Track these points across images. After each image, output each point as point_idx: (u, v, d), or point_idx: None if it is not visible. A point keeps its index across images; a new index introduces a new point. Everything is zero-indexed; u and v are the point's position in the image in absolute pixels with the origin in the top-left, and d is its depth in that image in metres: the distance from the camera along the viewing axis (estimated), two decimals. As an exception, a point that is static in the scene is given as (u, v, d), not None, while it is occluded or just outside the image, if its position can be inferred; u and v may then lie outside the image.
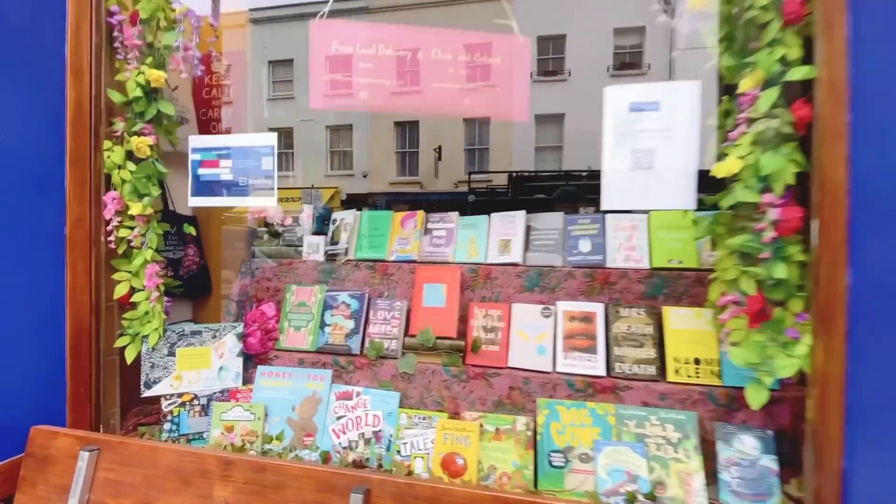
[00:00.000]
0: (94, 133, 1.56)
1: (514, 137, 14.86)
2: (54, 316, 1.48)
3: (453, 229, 1.82)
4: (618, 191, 1.25)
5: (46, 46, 1.45)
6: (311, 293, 1.81)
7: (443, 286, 1.68)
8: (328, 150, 17.27)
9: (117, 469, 1.27)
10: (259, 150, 1.46)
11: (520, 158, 14.95)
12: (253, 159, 1.47)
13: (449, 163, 15.82)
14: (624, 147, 1.26)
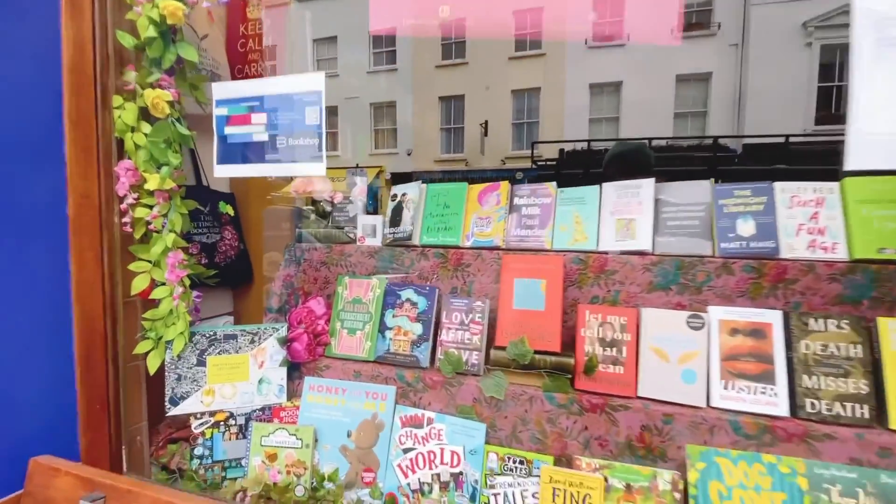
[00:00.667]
0: (101, 86, 1.23)
1: (566, 109, 13.91)
2: (59, 317, 1.19)
3: (550, 205, 1.38)
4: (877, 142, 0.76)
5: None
6: (367, 287, 1.45)
7: (540, 282, 1.26)
8: (372, 128, 17.00)
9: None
10: (301, 98, 1.08)
11: (573, 131, 14.01)
12: (294, 111, 1.09)
13: (495, 138, 15.12)
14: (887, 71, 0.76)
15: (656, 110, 13.43)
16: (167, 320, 1.30)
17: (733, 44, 13.86)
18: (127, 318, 1.32)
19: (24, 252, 1.12)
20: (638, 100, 13.90)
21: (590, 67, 13.98)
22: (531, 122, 14.70)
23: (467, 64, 15.34)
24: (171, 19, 1.21)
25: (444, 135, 16.15)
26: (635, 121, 13.68)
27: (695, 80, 13.94)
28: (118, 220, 1.28)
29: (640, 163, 1.79)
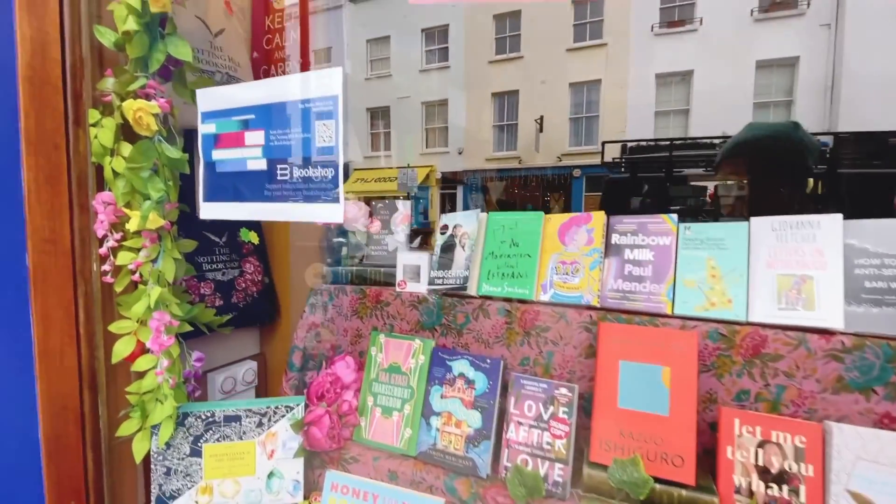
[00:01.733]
0: (73, 97, 0.96)
1: (629, 101, 12.92)
2: (19, 395, 0.94)
3: (669, 248, 0.96)
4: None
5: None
6: (408, 351, 1.09)
7: (661, 370, 0.85)
8: (423, 127, 16.81)
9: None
10: (311, 107, 0.73)
11: (637, 125, 13.01)
12: (301, 126, 0.75)
13: (551, 134, 14.39)
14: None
15: (733, 100, 12.16)
16: (155, 395, 1.02)
17: (825, 24, 12.28)
18: (112, 390, 1.05)
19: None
20: (711, 89, 12.66)
21: (656, 56, 12.91)
22: (590, 116, 13.83)
23: (522, 58, 14.72)
24: (154, 6, 0.92)
25: (496, 132, 15.63)
26: (708, 112, 12.46)
27: (778, 66, 12.49)
28: (97, 267, 1.01)
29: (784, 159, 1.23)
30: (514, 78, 14.97)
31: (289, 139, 0.77)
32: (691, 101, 12.83)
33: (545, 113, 14.36)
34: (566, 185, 14.44)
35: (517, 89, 14.88)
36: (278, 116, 0.77)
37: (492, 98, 15.52)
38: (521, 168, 15.10)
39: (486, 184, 15.96)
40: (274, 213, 0.80)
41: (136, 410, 1.02)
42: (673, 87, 13.11)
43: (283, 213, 0.79)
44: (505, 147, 15.68)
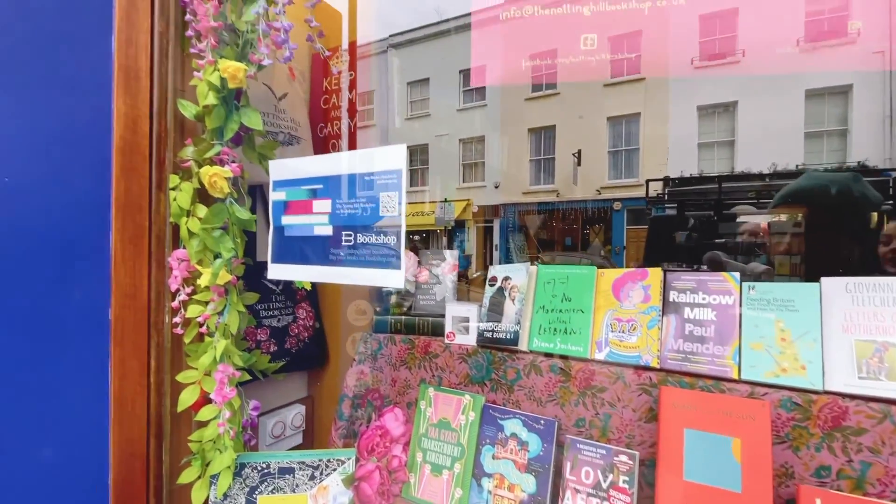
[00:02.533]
0: (156, 165, 1.06)
1: (670, 134, 12.72)
2: (94, 440, 1.00)
3: (733, 308, 0.92)
4: None
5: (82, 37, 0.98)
6: (458, 406, 1.09)
7: (730, 440, 0.80)
8: (461, 162, 17.16)
9: None
10: (376, 179, 0.78)
11: (679, 157, 12.72)
12: (366, 197, 0.79)
13: (589, 168, 14.28)
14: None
15: (781, 130, 11.73)
16: (217, 443, 1.06)
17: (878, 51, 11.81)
18: (175, 438, 1.10)
19: (55, 363, 0.94)
20: (757, 120, 12.29)
21: (697, 88, 12.75)
22: (630, 149, 13.70)
23: (559, 94, 14.91)
24: (232, 83, 1.01)
25: (533, 166, 15.71)
26: (755, 143, 12.05)
27: (830, 95, 12.02)
28: (169, 319, 1.08)
29: (843, 211, 1.20)
30: (550, 114, 15.13)
31: (354, 208, 0.81)
32: (736, 133, 12.48)
33: (583, 147, 14.34)
34: (606, 218, 14.20)
35: (554, 124, 15.01)
36: (345, 187, 0.83)
37: (528, 133, 15.71)
38: (560, 201, 15.02)
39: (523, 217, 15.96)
40: (339, 276, 0.84)
41: (196, 458, 1.06)
42: (716, 118, 12.84)
43: (347, 277, 0.83)
44: (542, 180, 15.70)
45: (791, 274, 1.98)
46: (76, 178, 0.96)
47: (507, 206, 16.12)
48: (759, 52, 12.56)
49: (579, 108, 14.52)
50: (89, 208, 0.97)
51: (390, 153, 0.77)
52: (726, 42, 13.04)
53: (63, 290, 0.94)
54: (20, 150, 0.88)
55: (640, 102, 13.62)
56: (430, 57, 17.30)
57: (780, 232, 4.62)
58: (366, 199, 0.79)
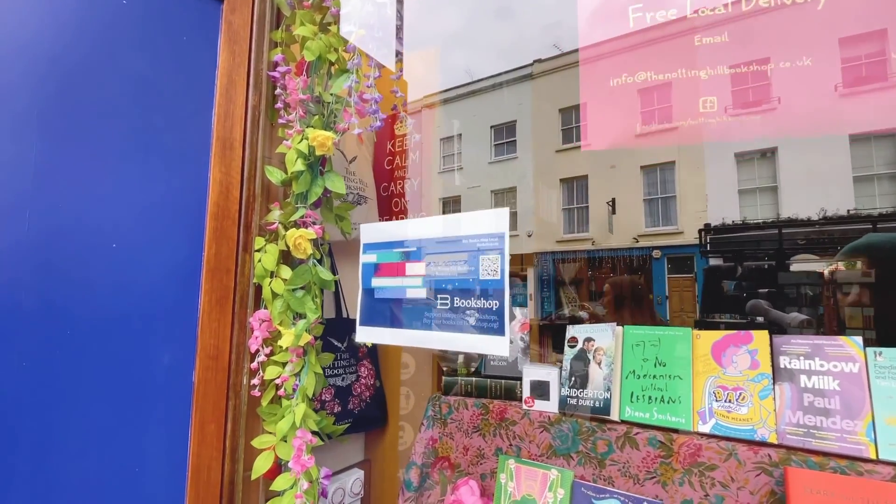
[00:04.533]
0: (244, 227, 1.09)
1: (707, 181, 12.51)
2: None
3: (859, 376, 0.83)
4: None
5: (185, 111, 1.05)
6: (544, 481, 1.00)
7: (884, 537, 0.69)
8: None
9: None
10: (475, 242, 0.77)
11: (718, 205, 12.43)
12: (466, 261, 0.78)
13: (625, 216, 14.12)
14: None
15: (827, 175, 11.37)
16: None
17: (923, 92, 11.48)
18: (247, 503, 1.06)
19: (140, 429, 0.93)
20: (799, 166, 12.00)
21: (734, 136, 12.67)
22: (666, 196, 13.54)
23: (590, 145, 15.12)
24: (319, 150, 1.06)
25: (566, 215, 15.70)
26: (800, 188, 11.69)
27: (876, 139, 11.68)
28: (247, 381, 1.07)
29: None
30: (581, 164, 15.29)
31: (452, 271, 0.80)
32: (778, 179, 12.18)
33: (617, 195, 14.29)
34: (646, 266, 13.82)
35: (586, 174, 15.13)
36: (443, 249, 0.82)
37: (560, 183, 15.85)
38: (596, 249, 14.80)
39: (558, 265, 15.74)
40: (437, 341, 0.82)
41: (269, 533, 1.01)
42: (755, 164, 12.61)
43: (447, 343, 0.80)
44: (576, 229, 15.60)
45: (864, 327, 1.84)
46: (174, 243, 1.00)
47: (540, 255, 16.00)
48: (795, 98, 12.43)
49: (611, 158, 14.62)
50: (183, 272, 1.01)
51: (494, 215, 0.76)
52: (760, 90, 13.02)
53: (155, 353, 0.95)
54: (126, 218, 0.93)
55: (673, 151, 13.60)
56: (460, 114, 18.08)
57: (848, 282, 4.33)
58: (465, 263, 0.78)
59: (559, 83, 16.95)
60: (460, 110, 18.75)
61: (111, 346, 0.88)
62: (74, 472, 0.84)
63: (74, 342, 0.83)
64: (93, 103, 0.91)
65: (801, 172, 11.92)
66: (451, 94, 16.00)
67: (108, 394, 0.87)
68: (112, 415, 0.88)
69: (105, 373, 0.87)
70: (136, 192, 0.95)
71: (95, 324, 0.86)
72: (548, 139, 16.49)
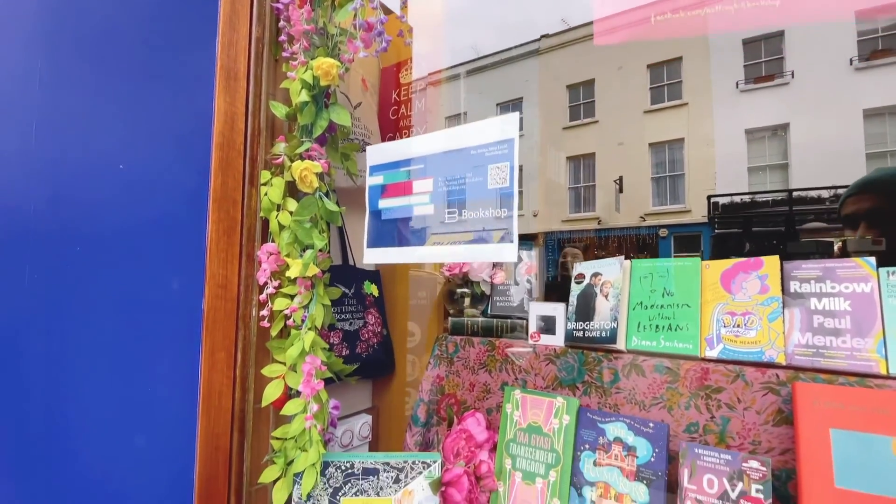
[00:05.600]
0: (250, 160, 1.09)
1: (717, 159, 12.32)
2: (182, 432, 0.99)
3: (871, 297, 0.82)
4: None
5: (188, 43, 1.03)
6: (549, 409, 1.01)
7: (890, 440, 0.69)
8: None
9: None
10: (483, 152, 0.76)
11: (727, 183, 12.27)
12: (472, 171, 0.77)
13: (632, 194, 14.00)
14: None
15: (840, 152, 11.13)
16: (299, 441, 1.03)
17: (940, 68, 11.13)
18: (257, 434, 1.08)
19: (150, 352, 0.94)
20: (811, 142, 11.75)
21: (744, 112, 12.39)
22: (675, 174, 13.33)
23: (597, 122, 14.88)
24: (324, 80, 1.04)
25: (572, 194, 15.55)
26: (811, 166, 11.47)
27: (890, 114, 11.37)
28: (256, 312, 1.08)
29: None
30: (589, 142, 15.09)
31: (459, 184, 0.79)
32: (789, 156, 11.95)
33: (624, 173, 14.13)
34: (652, 245, 13.75)
35: (593, 152, 14.92)
36: (449, 163, 0.81)
37: (567, 161, 15.66)
38: (602, 228, 14.70)
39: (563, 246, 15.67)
40: (441, 255, 0.82)
41: (279, 456, 1.03)
42: (766, 141, 12.35)
43: (454, 255, 0.80)
44: (583, 208, 15.48)
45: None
46: (180, 170, 1.00)
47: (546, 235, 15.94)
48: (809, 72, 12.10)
49: (619, 136, 14.40)
50: (190, 200, 1.01)
51: (502, 122, 0.75)
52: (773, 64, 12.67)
53: (163, 276, 0.96)
54: (132, 141, 0.93)
55: (683, 128, 13.37)
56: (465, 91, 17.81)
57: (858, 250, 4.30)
58: (473, 174, 0.77)
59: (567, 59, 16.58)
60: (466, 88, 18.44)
61: (120, 264, 0.88)
62: (86, 389, 0.85)
63: (84, 259, 0.84)
64: (97, 27, 0.90)
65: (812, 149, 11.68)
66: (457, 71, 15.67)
67: (118, 311, 0.88)
68: (122, 332, 0.89)
69: (114, 290, 0.88)
70: (142, 117, 0.94)
71: (104, 241, 0.87)
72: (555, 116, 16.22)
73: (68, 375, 0.81)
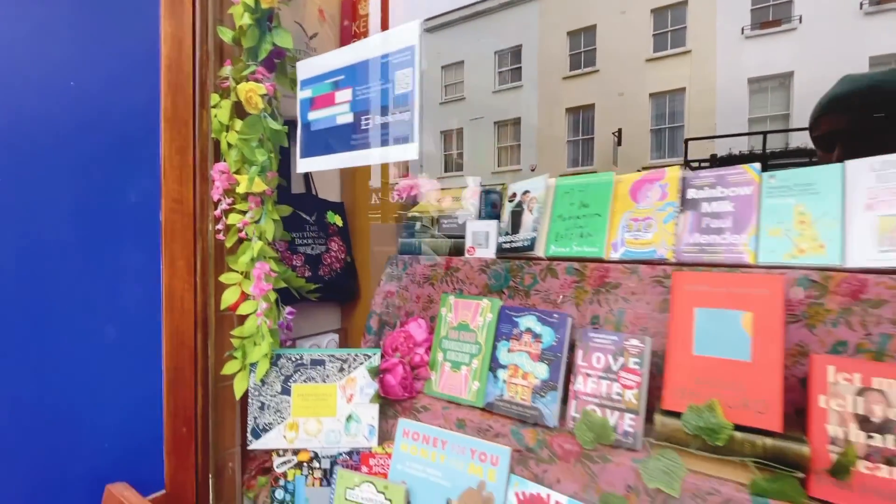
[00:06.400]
0: (199, 83, 1.15)
1: (718, 109, 12.06)
2: (148, 330, 1.12)
3: (751, 198, 0.92)
4: None
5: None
6: (475, 310, 1.13)
7: (740, 315, 0.81)
8: (496, 146, 17.00)
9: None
10: (390, 60, 0.83)
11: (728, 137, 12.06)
12: (382, 78, 0.85)
13: (630, 147, 13.83)
14: None
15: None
16: (254, 338, 1.16)
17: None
18: (219, 334, 1.21)
19: (114, 259, 1.05)
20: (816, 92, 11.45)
21: (748, 60, 12.00)
22: (674, 126, 13.10)
23: (598, 72, 14.46)
24: (265, 3, 1.09)
25: (571, 147, 15.36)
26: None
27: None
28: (212, 227, 1.18)
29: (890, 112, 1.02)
30: (589, 92, 14.71)
31: (372, 92, 0.87)
32: (792, 106, 11.68)
33: (624, 125, 13.88)
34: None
35: (593, 103, 14.58)
36: (363, 73, 0.88)
37: (566, 114, 15.34)
38: (598, 183, 14.62)
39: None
40: (358, 159, 0.91)
41: (238, 352, 1.16)
42: (769, 92, 12.04)
43: (366, 158, 0.89)
44: (581, 162, 15.33)
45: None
46: (131, 91, 1.07)
47: (543, 190, 15.84)
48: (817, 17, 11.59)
49: (620, 86, 14.03)
50: (142, 121, 1.08)
51: (403, 31, 0.81)
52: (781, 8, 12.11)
53: (120, 189, 1.05)
54: (81, 60, 0.99)
55: (685, 77, 12.99)
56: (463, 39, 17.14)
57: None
58: (382, 81, 0.84)
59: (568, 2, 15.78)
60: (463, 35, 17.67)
61: (75, 178, 0.97)
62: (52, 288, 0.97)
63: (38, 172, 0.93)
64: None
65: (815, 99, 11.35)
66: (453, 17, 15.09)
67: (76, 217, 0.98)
68: (83, 237, 0.99)
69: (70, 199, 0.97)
70: (93, 38, 1.00)
71: (59, 156, 0.95)
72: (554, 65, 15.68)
73: (39, 272, 0.93)
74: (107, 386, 1.05)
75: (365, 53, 0.88)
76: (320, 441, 1.12)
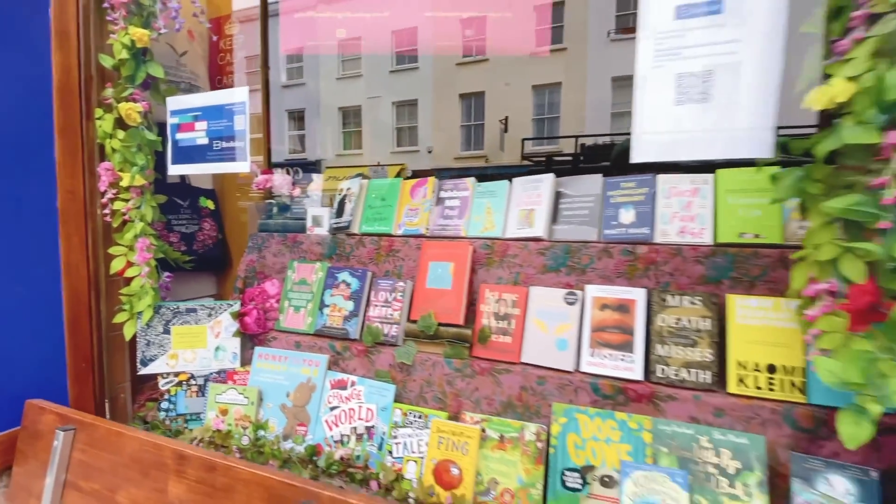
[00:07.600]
0: (85, 100, 1.49)
1: (587, 104, 13.77)
2: (51, 291, 1.46)
3: (468, 198, 1.55)
4: (653, 136, 0.90)
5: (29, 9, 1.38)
6: (311, 270, 1.66)
7: (449, 265, 1.44)
8: (394, 126, 17.32)
9: (89, 451, 1.22)
10: (232, 108, 1.30)
11: (595, 126, 13.86)
12: (226, 119, 1.31)
13: (516, 134, 15.12)
14: (664, 70, 0.90)
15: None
16: (139, 294, 1.56)
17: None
18: (109, 294, 1.59)
19: (21, 238, 1.38)
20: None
21: (613, 60, 13.78)
22: (552, 117, 14.63)
23: (488, 61, 15.43)
24: (139, 43, 1.46)
25: (464, 132, 16.29)
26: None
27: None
28: (100, 211, 1.54)
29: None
30: (480, 80, 15.65)
31: (220, 126, 1.32)
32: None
33: (510, 113, 15.09)
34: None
35: (483, 91, 15.58)
36: (215, 113, 1.33)
37: (459, 99, 16.16)
38: (488, 166, 15.82)
39: (455, 182, 16.56)
40: (210, 169, 1.36)
41: (126, 305, 1.55)
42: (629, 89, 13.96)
43: (216, 169, 1.35)
44: (473, 146, 16.34)
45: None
46: (30, 109, 1.38)
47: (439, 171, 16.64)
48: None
49: (507, 76, 15.17)
50: (39, 132, 1.40)
51: (238, 92, 1.29)
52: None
53: (22, 185, 1.37)
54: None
55: (561, 72, 14.47)
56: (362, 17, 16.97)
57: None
58: (226, 120, 1.31)
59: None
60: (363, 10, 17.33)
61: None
62: (-27, 256, 1.29)
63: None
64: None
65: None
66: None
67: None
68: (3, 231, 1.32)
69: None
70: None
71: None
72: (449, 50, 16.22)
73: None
74: (21, 333, 1.39)
75: (216, 100, 1.33)
76: (195, 366, 1.57)
